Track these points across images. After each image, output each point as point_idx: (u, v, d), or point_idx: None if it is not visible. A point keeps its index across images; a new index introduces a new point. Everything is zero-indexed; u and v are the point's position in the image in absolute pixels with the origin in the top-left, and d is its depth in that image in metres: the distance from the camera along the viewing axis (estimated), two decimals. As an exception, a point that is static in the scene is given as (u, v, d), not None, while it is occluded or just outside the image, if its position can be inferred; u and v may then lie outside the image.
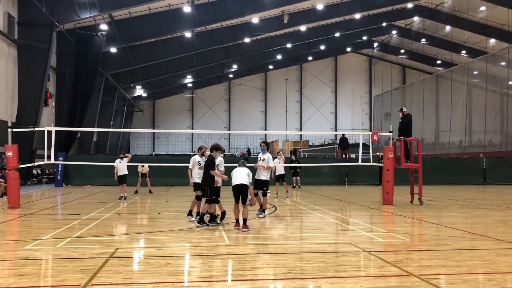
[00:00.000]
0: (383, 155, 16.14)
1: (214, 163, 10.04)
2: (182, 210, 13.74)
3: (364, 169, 25.41)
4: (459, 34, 43.50)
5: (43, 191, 22.47)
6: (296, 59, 53.29)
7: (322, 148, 45.67)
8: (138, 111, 55.38)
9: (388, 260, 6.80)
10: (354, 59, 58.84)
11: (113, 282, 5.51)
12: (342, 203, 16.67)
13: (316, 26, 41.44)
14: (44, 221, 11.32)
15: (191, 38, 36.67)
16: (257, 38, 41.18)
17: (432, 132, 44.81)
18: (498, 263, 6.64)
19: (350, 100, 58.57)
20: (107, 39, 30.92)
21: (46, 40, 25.68)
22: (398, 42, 50.86)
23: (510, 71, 35.24)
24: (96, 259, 6.75)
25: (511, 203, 16.47)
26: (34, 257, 7.00)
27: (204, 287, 5.35)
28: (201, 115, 56.30)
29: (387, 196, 15.57)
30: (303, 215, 12.86)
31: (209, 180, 10.03)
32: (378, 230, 9.95)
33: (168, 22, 31.94)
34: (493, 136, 36.66)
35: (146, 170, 20.62)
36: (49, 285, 5.50)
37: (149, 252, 7.61)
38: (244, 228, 9.37)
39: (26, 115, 25.11)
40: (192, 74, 47.82)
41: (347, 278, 5.77)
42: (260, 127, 55.67)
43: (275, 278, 5.84)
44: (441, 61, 50.98)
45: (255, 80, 56.89)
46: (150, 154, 49.07)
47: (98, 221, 11.02)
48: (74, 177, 26.42)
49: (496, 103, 36.17)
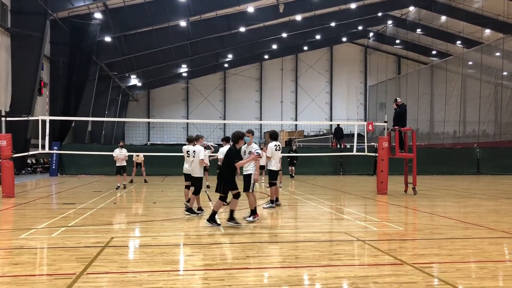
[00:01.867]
0: (378, 145, 16.20)
1: (238, 154, 9.01)
2: (177, 199, 13.78)
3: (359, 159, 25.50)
4: (455, 24, 43.43)
5: (37, 180, 22.41)
6: (292, 49, 53.09)
7: (317, 138, 45.72)
8: (133, 101, 55.10)
9: (382, 249, 6.86)
10: (350, 49, 58.68)
11: (109, 271, 5.53)
12: (337, 193, 16.76)
13: (311, 16, 41.27)
14: (39, 211, 11.31)
15: (186, 27, 36.42)
16: (253, 28, 40.96)
17: (426, 122, 44.98)
18: (490, 252, 6.72)
19: (345, 90, 58.50)
20: (101, 28, 30.65)
21: (40, 29, 25.45)
22: (394, 32, 50.74)
23: (504, 62, 35.34)
24: (91, 248, 6.76)
25: (503, 192, 16.61)
26: (29, 246, 7.00)
27: (200, 275, 5.38)
28: (196, 105, 56.11)
29: (382, 185, 15.66)
30: (298, 205, 12.92)
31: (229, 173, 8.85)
32: (372, 220, 10.02)
33: (162, 10, 31.68)
34: (487, 127, 36.86)
35: (141, 160, 20.62)
36: (44, 273, 5.51)
37: (144, 241, 7.63)
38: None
39: (20, 104, 24.95)
40: (187, 63, 47.59)
41: (341, 266, 5.82)
42: (255, 117, 55.57)
43: (270, 266, 5.88)
44: (436, 52, 50.97)
45: (251, 70, 56.67)
46: (145, 143, 48.94)
47: (93, 210, 11.02)
48: (69, 166, 26.39)
49: (491, 93, 36.32)
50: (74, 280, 5.11)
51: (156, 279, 5.21)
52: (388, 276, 5.36)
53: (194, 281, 5.13)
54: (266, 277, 5.41)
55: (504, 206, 12.45)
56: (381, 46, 56.45)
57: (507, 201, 13.64)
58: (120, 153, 17.34)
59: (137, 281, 5.12)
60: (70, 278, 5.17)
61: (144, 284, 5.00)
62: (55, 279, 5.19)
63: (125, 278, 5.22)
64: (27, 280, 5.15)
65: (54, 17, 27.47)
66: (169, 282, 5.07)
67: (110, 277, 5.29)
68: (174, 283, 5.07)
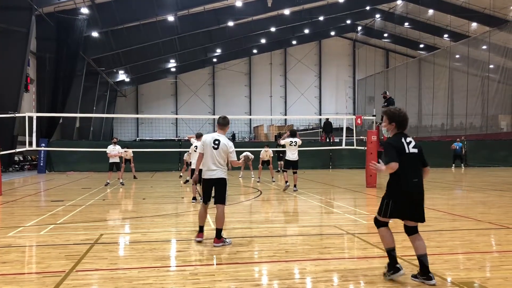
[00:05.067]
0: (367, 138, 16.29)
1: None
2: (167, 195, 13.75)
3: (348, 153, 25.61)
4: (442, 18, 43.71)
5: (25, 177, 22.20)
6: (280, 43, 53.06)
7: (306, 132, 45.82)
8: (121, 96, 54.71)
9: (371, 241, 6.91)
10: (338, 43, 58.78)
11: (98, 268, 5.51)
12: (326, 187, 16.83)
13: (300, 10, 41.22)
14: (27, 208, 11.21)
15: (174, 22, 36.18)
16: (241, 22, 40.82)
17: (414, 116, 45.27)
18: (477, 243, 6.81)
19: (334, 84, 58.65)
20: (88, 23, 30.29)
21: (25, 24, 25.07)
22: (382, 26, 50.91)
23: (491, 55, 35.67)
24: (80, 245, 6.73)
25: (490, 184, 16.81)
26: (17, 244, 6.94)
27: (190, 271, 5.38)
28: (185, 100, 55.88)
29: (371, 179, 15.78)
30: (287, 199, 12.96)
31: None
32: (362, 213, 10.09)
33: (150, 5, 31.42)
34: (474, 119, 37.24)
35: (130, 156, 20.50)
36: (33, 271, 5.47)
37: (134, 237, 7.61)
38: (216, 243, 6.68)
39: (6, 100, 24.58)
40: (175, 58, 47.32)
41: (331, 260, 5.87)
42: (245, 112, 55.52)
43: (260, 261, 5.90)
44: (424, 45, 51.28)
45: (239, 65, 56.54)
46: (134, 139, 48.70)
47: (82, 207, 10.95)
48: (57, 163, 26.16)
49: (477, 86, 36.67)
50: (63, 277, 5.08)
51: (146, 275, 5.20)
52: (378, 268, 5.41)
53: (184, 277, 5.13)
54: (257, 271, 5.43)
55: (491, 197, 12.60)
56: (369, 40, 56.63)
57: (493, 193, 13.82)
58: (114, 149, 17.31)
59: (127, 277, 5.11)
60: (59, 276, 5.14)
61: (134, 281, 4.98)
62: (44, 277, 5.16)
63: (115, 275, 5.20)
64: (15, 279, 5.11)
65: (40, 12, 27.09)
66: (159, 278, 5.07)
67: (100, 274, 5.27)
68: (164, 279, 5.06)
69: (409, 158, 4.91)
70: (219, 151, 6.84)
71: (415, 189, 4.97)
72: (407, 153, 4.90)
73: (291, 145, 14.34)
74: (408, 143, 4.93)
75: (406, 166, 4.86)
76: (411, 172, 4.94)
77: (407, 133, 5.02)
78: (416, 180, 4.98)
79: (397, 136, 4.97)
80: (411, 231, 5.19)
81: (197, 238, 6.88)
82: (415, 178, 4.97)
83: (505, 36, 34.17)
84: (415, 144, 4.97)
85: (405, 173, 4.88)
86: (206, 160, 6.88)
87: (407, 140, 4.95)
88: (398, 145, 4.90)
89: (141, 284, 4.87)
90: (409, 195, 4.96)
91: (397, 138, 4.94)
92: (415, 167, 5.00)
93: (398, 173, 4.84)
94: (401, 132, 5.00)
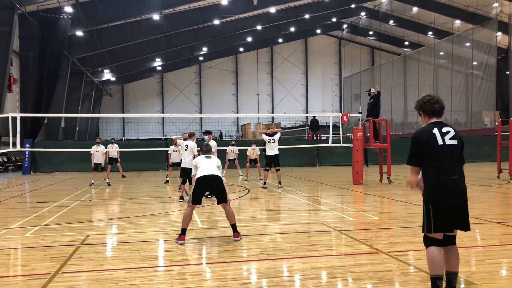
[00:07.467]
0: (353, 135, 16.40)
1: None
2: (154, 195, 13.68)
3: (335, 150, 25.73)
4: (426, 15, 44.14)
5: (9, 179, 21.90)
6: (267, 41, 53.02)
7: (293, 130, 45.93)
8: (106, 96, 54.21)
9: (358, 238, 6.96)
10: (324, 41, 58.96)
11: (85, 269, 5.46)
12: (314, 184, 16.91)
13: (285, 8, 41.23)
14: (11, 210, 11.06)
15: (159, 20, 35.96)
16: (227, 20, 40.69)
17: (400, 112, 45.66)
18: (462, 238, 6.86)
19: (321, 82, 58.83)
20: (72, 22, 29.94)
21: (7, 24, 24.72)
22: (367, 24, 51.21)
23: (474, 52, 36.08)
24: (66, 247, 6.66)
25: (475, 180, 17.04)
26: (1, 246, 6.85)
27: (177, 271, 5.36)
28: (171, 99, 55.58)
29: (357, 176, 15.89)
30: (275, 197, 12.99)
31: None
32: (349, 210, 10.16)
33: (135, 3, 31.18)
34: (459, 116, 37.67)
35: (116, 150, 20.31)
36: (18, 274, 5.41)
37: (121, 238, 7.56)
38: (236, 237, 7.01)
39: (-11, 101, 24.30)
40: (161, 57, 47.02)
41: (319, 257, 5.89)
42: (232, 110, 55.43)
43: (248, 259, 5.90)
44: (408, 42, 51.73)
45: (226, 63, 56.40)
46: (121, 139, 48.33)
47: (68, 208, 10.85)
48: (42, 164, 25.86)
49: (461, 83, 37.08)
50: (49, 280, 5.02)
51: (133, 276, 5.17)
52: (365, 265, 5.44)
53: (172, 277, 5.11)
54: (245, 270, 5.43)
55: (475, 193, 12.76)
56: (355, 38, 56.92)
57: (477, 188, 14.01)
58: (97, 150, 17.17)
59: (114, 278, 5.07)
60: (44, 278, 5.09)
61: (121, 282, 4.95)
62: (29, 279, 5.10)
63: (101, 276, 5.16)
64: (0, 282, 5.04)
65: (23, 11, 26.73)
66: (146, 279, 5.04)
67: (86, 276, 5.22)
68: (152, 279, 5.04)
69: (445, 151, 4.04)
70: (212, 160, 7.36)
71: (454, 189, 4.05)
72: (440, 145, 4.04)
73: (269, 142, 15.17)
74: (444, 134, 4.09)
75: (441, 160, 4.03)
76: (448, 167, 4.04)
77: (445, 122, 4.23)
78: (456, 178, 4.05)
79: (428, 126, 4.16)
80: (448, 240, 4.22)
81: (179, 241, 6.81)
82: (453, 174, 4.04)
83: (488, 33, 34.60)
84: (454, 134, 4.12)
85: (440, 169, 4.04)
86: (201, 168, 7.20)
87: (442, 130, 4.11)
88: (425, 137, 4.08)
89: (128, 285, 4.84)
90: (447, 197, 4.03)
91: (426, 128, 4.15)
92: (454, 161, 4.08)
93: (432, 170, 4.07)
94: (434, 122, 4.19)
